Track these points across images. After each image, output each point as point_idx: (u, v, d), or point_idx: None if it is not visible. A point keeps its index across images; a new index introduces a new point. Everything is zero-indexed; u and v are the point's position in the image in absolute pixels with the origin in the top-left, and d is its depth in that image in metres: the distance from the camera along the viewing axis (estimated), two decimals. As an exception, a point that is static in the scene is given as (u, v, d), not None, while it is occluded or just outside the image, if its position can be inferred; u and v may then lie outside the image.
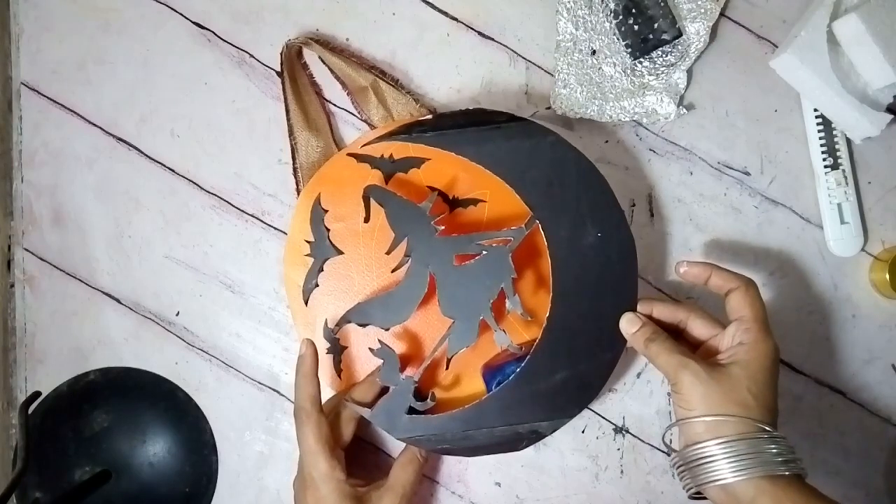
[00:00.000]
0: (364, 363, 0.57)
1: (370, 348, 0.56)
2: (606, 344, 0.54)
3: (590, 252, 0.54)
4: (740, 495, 0.44)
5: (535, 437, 0.55)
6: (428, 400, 0.54)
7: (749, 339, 0.48)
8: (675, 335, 0.53)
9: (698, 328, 0.51)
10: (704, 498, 0.46)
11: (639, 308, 0.53)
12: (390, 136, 0.57)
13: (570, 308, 0.54)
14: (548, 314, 0.54)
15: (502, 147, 0.55)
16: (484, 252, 0.54)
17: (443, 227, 0.54)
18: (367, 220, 0.56)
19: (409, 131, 0.57)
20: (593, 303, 0.54)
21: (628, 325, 0.53)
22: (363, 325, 0.56)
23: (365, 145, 0.57)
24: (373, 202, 0.55)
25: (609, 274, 0.54)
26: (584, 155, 0.55)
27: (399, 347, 0.57)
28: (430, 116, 0.57)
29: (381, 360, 0.55)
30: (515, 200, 0.55)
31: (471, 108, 0.58)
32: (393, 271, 0.56)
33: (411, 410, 0.54)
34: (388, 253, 0.55)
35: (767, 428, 0.45)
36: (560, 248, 0.54)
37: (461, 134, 0.56)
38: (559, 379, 0.54)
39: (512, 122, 0.56)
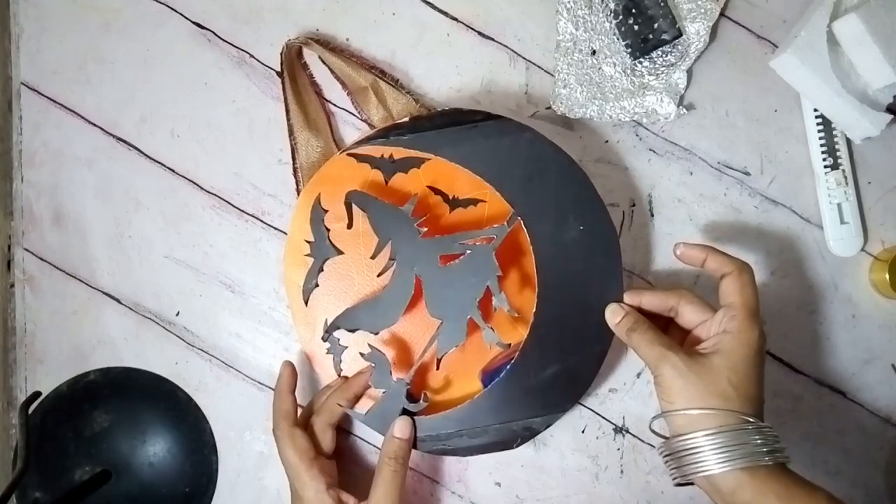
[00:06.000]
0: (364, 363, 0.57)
1: (360, 353, 0.56)
2: (595, 336, 0.54)
3: (573, 245, 0.54)
4: (721, 486, 0.44)
5: (530, 433, 0.55)
6: (421, 401, 0.54)
7: (734, 327, 0.47)
8: (668, 323, 0.53)
9: (689, 314, 0.51)
10: (690, 484, 0.46)
11: (626, 298, 0.53)
12: (368, 140, 0.57)
13: (556, 302, 0.54)
14: (534, 309, 0.54)
15: (480, 146, 0.55)
16: (468, 251, 0.54)
17: (426, 229, 0.54)
18: (349, 225, 0.56)
19: (386, 135, 0.57)
20: (579, 296, 0.54)
21: (612, 315, 0.53)
22: (352, 331, 0.56)
23: (344, 151, 0.57)
24: (355, 207, 0.56)
25: (594, 266, 0.54)
26: (563, 149, 0.55)
27: (388, 353, 0.57)
28: (406, 119, 0.57)
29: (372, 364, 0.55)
30: (515, 200, 0.55)
31: (447, 108, 0.58)
32: (379, 275, 0.56)
33: (405, 412, 0.54)
34: (372, 257, 0.55)
35: (750, 419, 0.45)
36: (543, 243, 0.54)
37: (439, 135, 0.56)
38: (550, 374, 0.54)
39: (489, 120, 0.56)
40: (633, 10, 0.59)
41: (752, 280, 0.49)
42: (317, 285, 0.57)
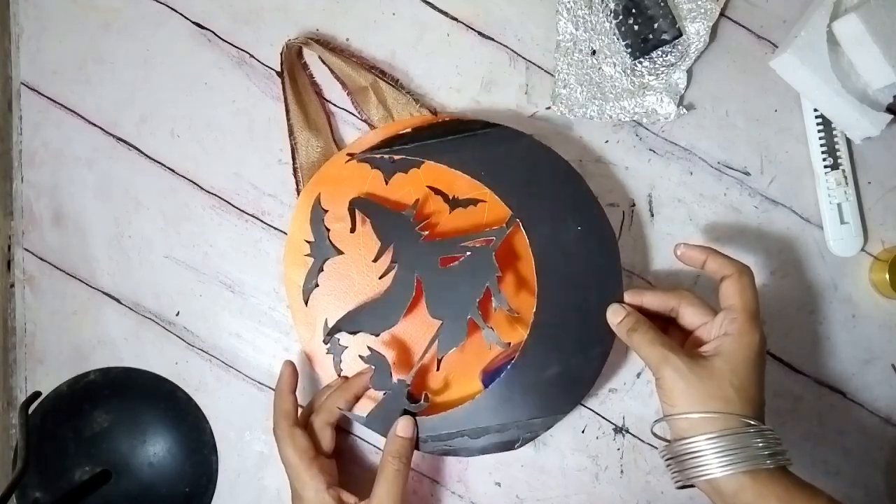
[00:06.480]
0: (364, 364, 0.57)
1: (360, 355, 0.56)
2: (596, 338, 0.54)
3: (572, 247, 0.55)
4: (723, 489, 0.44)
5: (531, 435, 0.55)
6: (422, 401, 0.55)
7: (734, 329, 0.47)
8: (669, 323, 0.53)
9: (689, 316, 0.51)
10: (692, 486, 0.46)
11: (627, 298, 0.53)
12: (372, 150, 0.57)
13: (556, 303, 0.54)
14: (534, 310, 0.54)
15: (479, 152, 0.56)
16: (468, 253, 0.54)
17: (427, 233, 0.55)
18: (352, 230, 0.56)
19: (390, 145, 0.57)
20: (579, 297, 0.54)
21: (612, 315, 0.53)
22: (353, 333, 0.56)
23: (345, 152, 0.58)
24: (358, 213, 0.56)
25: (593, 267, 0.55)
26: (559, 154, 0.56)
27: (389, 354, 0.57)
28: (409, 130, 0.58)
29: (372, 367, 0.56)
30: (515, 200, 0.55)
31: (446, 118, 0.59)
32: (380, 278, 0.56)
33: (406, 413, 0.54)
34: (374, 261, 0.56)
35: (752, 422, 0.45)
36: (542, 244, 0.55)
37: (441, 143, 0.56)
38: (550, 375, 0.54)
39: (488, 128, 0.57)
40: (633, 10, 0.59)
41: (752, 283, 0.49)
42: (317, 285, 0.57)
